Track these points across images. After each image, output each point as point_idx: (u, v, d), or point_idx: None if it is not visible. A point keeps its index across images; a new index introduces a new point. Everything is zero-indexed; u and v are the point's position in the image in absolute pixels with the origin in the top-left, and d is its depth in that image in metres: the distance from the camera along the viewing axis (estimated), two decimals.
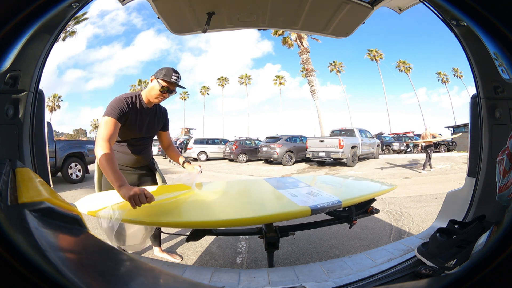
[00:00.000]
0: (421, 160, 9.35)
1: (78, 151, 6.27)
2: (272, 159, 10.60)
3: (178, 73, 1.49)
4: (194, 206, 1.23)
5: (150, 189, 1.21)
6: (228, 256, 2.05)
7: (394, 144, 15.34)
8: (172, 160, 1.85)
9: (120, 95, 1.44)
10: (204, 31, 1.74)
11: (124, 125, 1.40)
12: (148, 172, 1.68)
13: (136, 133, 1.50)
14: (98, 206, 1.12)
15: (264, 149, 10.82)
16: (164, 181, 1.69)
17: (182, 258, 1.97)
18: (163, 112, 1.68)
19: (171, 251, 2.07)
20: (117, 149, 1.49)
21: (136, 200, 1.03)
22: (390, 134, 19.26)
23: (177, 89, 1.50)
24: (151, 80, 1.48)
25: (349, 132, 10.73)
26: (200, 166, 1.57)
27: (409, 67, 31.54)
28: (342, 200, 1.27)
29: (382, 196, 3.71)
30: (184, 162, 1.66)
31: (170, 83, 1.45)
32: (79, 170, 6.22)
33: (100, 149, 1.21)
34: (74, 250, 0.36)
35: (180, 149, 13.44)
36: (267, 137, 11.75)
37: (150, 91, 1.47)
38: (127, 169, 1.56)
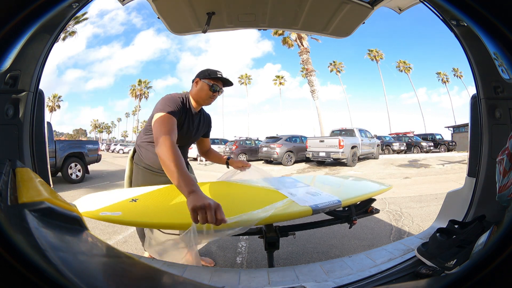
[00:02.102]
0: (421, 160, 9.35)
1: (78, 151, 6.27)
2: (272, 159, 10.60)
3: (219, 71, 1.42)
4: None
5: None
6: (228, 256, 2.05)
7: (394, 144, 15.35)
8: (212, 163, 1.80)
9: (170, 94, 1.35)
10: (204, 31, 1.74)
11: (179, 125, 1.30)
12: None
13: (183, 136, 1.36)
14: (97, 206, 1.12)
15: (264, 149, 10.83)
16: None
17: (215, 264, 1.90)
18: (208, 118, 1.61)
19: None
20: (150, 148, 1.41)
21: (203, 215, 0.80)
22: (390, 134, 19.26)
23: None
24: (196, 82, 1.40)
25: (349, 132, 10.74)
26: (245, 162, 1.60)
27: (409, 67, 31.59)
28: (341, 200, 1.27)
29: (382, 196, 3.71)
30: (227, 162, 1.66)
31: (218, 80, 1.39)
32: (79, 170, 6.22)
33: (164, 148, 1.02)
34: (74, 250, 0.36)
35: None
36: (267, 137, 11.76)
37: (200, 93, 1.38)
38: (156, 171, 1.45)
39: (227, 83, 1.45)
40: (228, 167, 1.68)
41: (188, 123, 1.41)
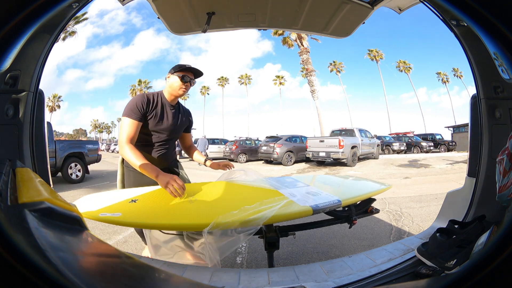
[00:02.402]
0: (421, 160, 9.35)
1: (78, 151, 6.28)
2: (272, 159, 10.60)
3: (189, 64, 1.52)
4: (191, 207, 1.23)
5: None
6: (228, 256, 2.05)
7: (394, 144, 15.35)
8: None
9: (137, 95, 1.46)
10: (204, 31, 1.74)
11: (150, 120, 1.42)
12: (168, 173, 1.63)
13: (165, 128, 1.49)
14: (97, 206, 1.12)
15: (264, 148, 10.85)
16: (187, 181, 1.69)
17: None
18: (187, 113, 1.68)
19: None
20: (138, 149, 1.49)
21: (172, 186, 1.19)
22: (390, 134, 19.27)
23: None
24: (168, 77, 1.50)
25: (349, 132, 10.74)
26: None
27: (409, 67, 31.60)
28: (341, 199, 1.27)
29: (382, 196, 3.71)
30: (205, 161, 1.77)
31: (187, 70, 1.48)
32: (79, 170, 6.22)
33: (124, 150, 1.31)
34: (74, 250, 0.36)
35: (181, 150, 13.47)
36: (267, 137, 11.76)
37: (172, 86, 1.48)
38: None
39: (198, 73, 1.53)
40: (206, 165, 1.81)
41: (165, 115, 1.50)
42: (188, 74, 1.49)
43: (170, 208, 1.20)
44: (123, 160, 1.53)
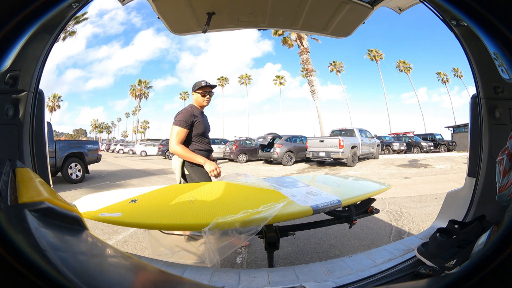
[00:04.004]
0: (421, 160, 9.35)
1: (78, 151, 6.27)
2: (272, 159, 10.60)
3: (206, 80, 2.01)
4: (191, 207, 1.23)
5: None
6: (228, 256, 2.05)
7: (394, 144, 15.35)
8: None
9: (183, 108, 1.98)
10: (204, 31, 1.74)
11: (198, 125, 1.93)
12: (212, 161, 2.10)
13: (207, 128, 2.03)
14: (97, 206, 1.12)
15: (261, 139, 11.06)
16: None
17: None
18: (206, 116, 2.17)
19: None
20: (194, 148, 1.97)
21: (214, 171, 1.84)
22: (390, 134, 19.27)
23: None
24: (192, 94, 2.05)
25: (349, 132, 10.74)
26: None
27: (409, 67, 31.60)
28: (341, 199, 1.27)
29: (382, 196, 3.71)
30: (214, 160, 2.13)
31: (204, 87, 1.99)
32: (79, 170, 6.22)
33: (176, 149, 1.85)
34: (74, 250, 0.36)
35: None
36: (267, 134, 11.85)
37: (197, 100, 2.02)
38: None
39: (212, 86, 2.05)
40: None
41: (203, 119, 2.02)
42: (205, 89, 1.99)
43: (170, 208, 1.20)
44: (183, 163, 1.92)
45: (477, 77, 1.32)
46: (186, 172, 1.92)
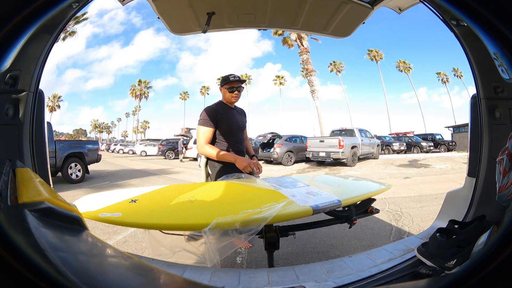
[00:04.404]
0: (421, 160, 9.35)
1: (78, 151, 6.27)
2: (272, 159, 10.60)
3: (232, 74, 1.85)
4: (191, 207, 1.23)
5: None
6: (228, 256, 2.05)
7: (394, 144, 15.35)
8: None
9: (207, 106, 1.85)
10: (204, 31, 1.74)
11: (221, 123, 1.79)
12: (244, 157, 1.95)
13: (232, 125, 1.84)
14: (97, 206, 1.12)
15: (260, 138, 11.08)
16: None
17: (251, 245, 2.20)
18: (241, 111, 2.01)
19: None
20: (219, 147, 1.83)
21: (247, 168, 1.65)
22: (390, 134, 19.27)
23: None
24: (220, 89, 1.89)
25: (349, 132, 10.74)
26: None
27: (409, 67, 31.62)
28: (341, 199, 1.27)
29: (382, 196, 3.71)
30: (252, 156, 1.98)
31: (232, 82, 1.82)
32: (79, 170, 6.22)
33: (204, 149, 1.74)
34: (74, 250, 0.36)
35: (184, 147, 13.49)
36: (268, 133, 11.86)
37: (225, 96, 1.86)
38: (226, 163, 1.80)
39: (241, 80, 1.86)
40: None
41: (229, 116, 1.85)
42: (233, 84, 1.82)
43: (170, 208, 1.20)
44: (206, 163, 1.86)
45: (477, 77, 1.32)
46: (209, 172, 1.85)
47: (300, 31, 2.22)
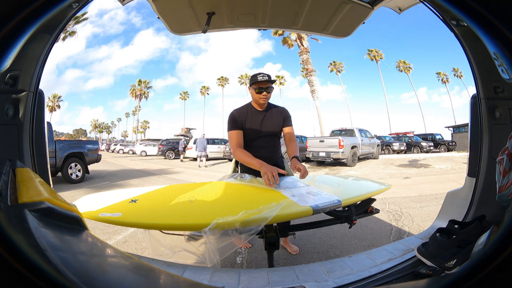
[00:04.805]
0: (421, 160, 9.35)
1: (78, 151, 6.27)
2: None
3: (262, 72, 1.70)
4: (191, 207, 1.23)
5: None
6: (228, 256, 2.05)
7: (394, 144, 15.35)
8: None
9: (233, 110, 1.78)
10: (204, 31, 1.74)
11: (245, 126, 1.72)
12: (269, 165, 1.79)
13: (253, 130, 1.75)
14: (97, 206, 1.12)
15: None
16: (291, 175, 1.86)
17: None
18: (281, 111, 1.84)
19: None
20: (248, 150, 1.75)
21: (267, 178, 1.42)
22: (390, 134, 19.27)
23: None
24: (249, 89, 1.76)
25: (349, 132, 10.74)
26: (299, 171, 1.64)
27: (409, 67, 31.62)
28: (341, 199, 1.27)
29: (382, 196, 3.71)
30: (292, 158, 1.71)
31: (260, 83, 1.67)
32: (79, 170, 6.22)
33: (236, 153, 1.66)
34: (74, 250, 0.36)
35: (185, 148, 13.47)
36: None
37: (253, 97, 1.74)
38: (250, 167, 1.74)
39: (270, 80, 1.70)
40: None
41: (254, 120, 1.75)
42: (261, 84, 1.67)
43: (170, 208, 1.20)
44: (236, 161, 1.85)
45: (477, 77, 1.32)
46: (239, 170, 1.82)
47: (300, 31, 2.21)
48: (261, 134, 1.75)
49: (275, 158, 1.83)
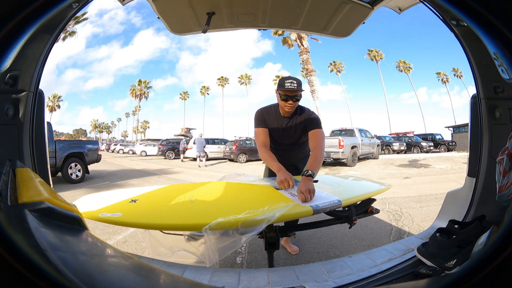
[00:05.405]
0: (421, 160, 9.35)
1: (78, 151, 6.27)
2: None
3: (292, 78, 1.54)
4: (191, 207, 1.23)
5: None
6: (228, 256, 2.05)
7: (394, 144, 15.35)
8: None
9: (261, 107, 1.74)
10: (204, 31, 1.74)
11: (269, 128, 1.67)
12: (294, 171, 1.70)
13: (278, 135, 1.71)
14: (97, 206, 1.12)
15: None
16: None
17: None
18: (305, 117, 1.67)
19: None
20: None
21: (283, 184, 1.36)
22: (390, 134, 19.27)
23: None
24: (276, 92, 1.64)
25: (349, 132, 10.74)
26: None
27: (409, 67, 31.63)
28: (341, 199, 1.27)
29: (382, 196, 3.71)
30: (303, 174, 1.39)
31: (286, 90, 1.52)
32: (79, 170, 6.22)
33: (260, 152, 1.61)
34: (74, 250, 0.36)
35: (185, 148, 13.45)
36: None
37: (279, 101, 1.62)
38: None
39: (299, 88, 1.53)
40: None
41: (275, 125, 1.69)
42: (288, 92, 1.52)
43: (170, 208, 1.21)
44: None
45: (477, 77, 1.32)
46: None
47: (300, 31, 2.21)
48: (281, 140, 1.72)
49: (296, 162, 1.82)
